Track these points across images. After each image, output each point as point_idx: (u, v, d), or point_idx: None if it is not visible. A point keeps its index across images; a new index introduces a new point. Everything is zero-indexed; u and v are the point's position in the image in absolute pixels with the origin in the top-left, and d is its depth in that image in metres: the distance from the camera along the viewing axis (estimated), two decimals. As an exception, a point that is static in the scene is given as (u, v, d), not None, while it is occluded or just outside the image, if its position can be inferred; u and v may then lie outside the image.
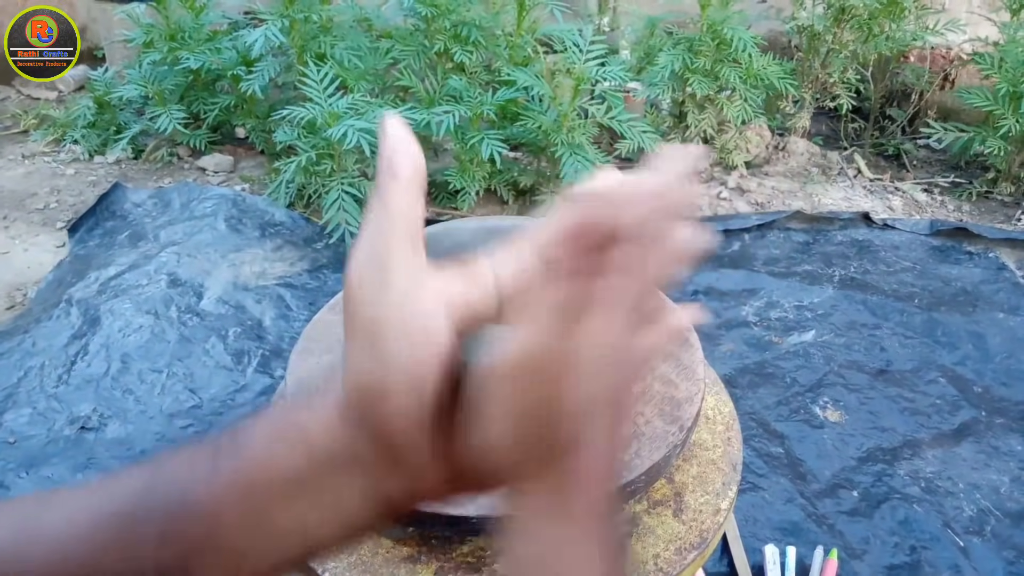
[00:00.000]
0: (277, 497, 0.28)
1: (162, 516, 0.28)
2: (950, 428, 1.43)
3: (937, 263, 1.97)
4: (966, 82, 2.56)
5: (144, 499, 0.29)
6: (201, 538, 0.28)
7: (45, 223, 2.14)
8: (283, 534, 0.29)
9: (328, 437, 0.28)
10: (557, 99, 1.97)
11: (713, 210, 2.24)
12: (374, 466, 0.28)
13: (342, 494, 0.28)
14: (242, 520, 0.28)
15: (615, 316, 0.26)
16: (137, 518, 0.28)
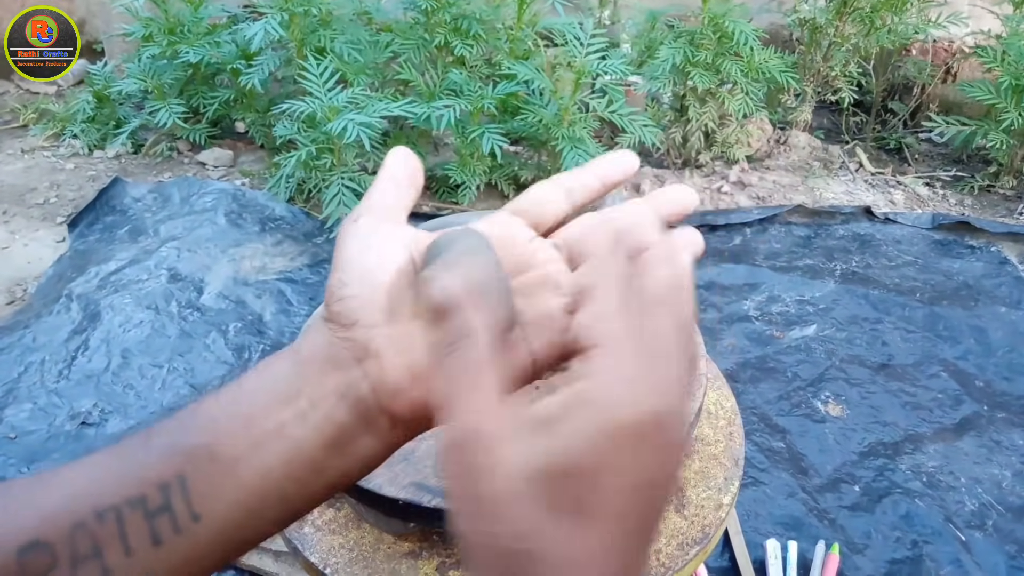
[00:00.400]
0: (261, 403, 0.32)
1: (168, 435, 0.32)
2: (952, 422, 1.43)
3: (939, 257, 1.96)
4: (968, 75, 2.54)
5: (158, 426, 0.32)
6: (196, 445, 0.31)
7: (45, 218, 2.14)
8: (267, 439, 0.31)
9: (309, 343, 0.33)
10: (558, 93, 1.97)
11: (714, 204, 2.24)
12: (345, 362, 0.32)
13: (319, 398, 0.32)
14: (230, 425, 0.32)
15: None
16: (149, 440, 0.32)
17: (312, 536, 0.65)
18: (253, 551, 1.12)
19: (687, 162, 2.44)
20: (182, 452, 0.31)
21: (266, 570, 1.10)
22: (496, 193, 2.23)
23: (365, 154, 2.04)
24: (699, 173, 2.40)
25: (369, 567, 0.62)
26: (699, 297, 1.78)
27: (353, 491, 0.59)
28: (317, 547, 0.64)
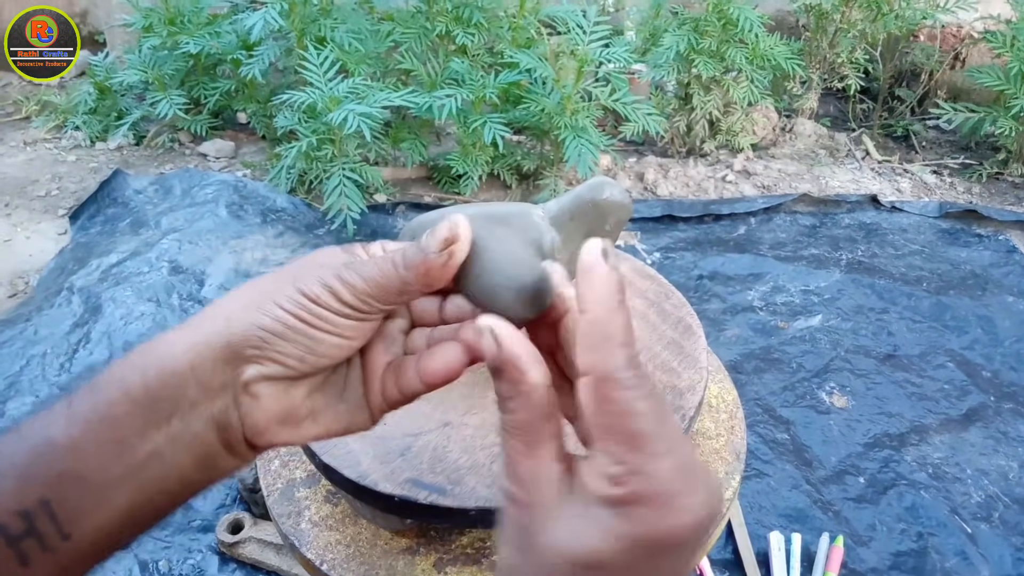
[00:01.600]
0: (133, 424, 0.32)
1: (23, 458, 0.31)
2: (958, 413, 1.41)
3: (946, 246, 1.94)
4: (977, 61, 2.51)
5: (3, 448, 0.31)
6: (61, 471, 0.31)
7: (47, 210, 2.14)
8: (142, 464, 0.32)
9: (183, 354, 0.33)
10: (560, 81, 1.95)
11: (719, 193, 2.22)
12: (224, 386, 0.34)
13: (192, 419, 0.33)
14: (99, 449, 0.32)
15: None
16: (2, 466, 0.31)
17: (309, 532, 0.65)
18: (254, 544, 1.12)
19: (691, 151, 2.42)
20: (43, 480, 0.31)
21: (268, 564, 1.10)
22: (498, 183, 2.22)
23: (366, 144, 2.02)
24: (703, 162, 2.38)
25: (366, 563, 0.62)
26: (703, 287, 1.77)
27: (349, 487, 0.58)
28: (314, 543, 0.64)
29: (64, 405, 0.33)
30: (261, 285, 0.36)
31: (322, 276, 0.35)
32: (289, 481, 0.69)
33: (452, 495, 0.55)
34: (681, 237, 1.98)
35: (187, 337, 0.34)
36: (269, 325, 0.34)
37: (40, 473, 0.31)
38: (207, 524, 1.19)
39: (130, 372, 0.33)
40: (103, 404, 0.32)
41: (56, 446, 0.31)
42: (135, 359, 0.34)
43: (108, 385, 0.33)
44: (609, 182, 0.58)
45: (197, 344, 0.33)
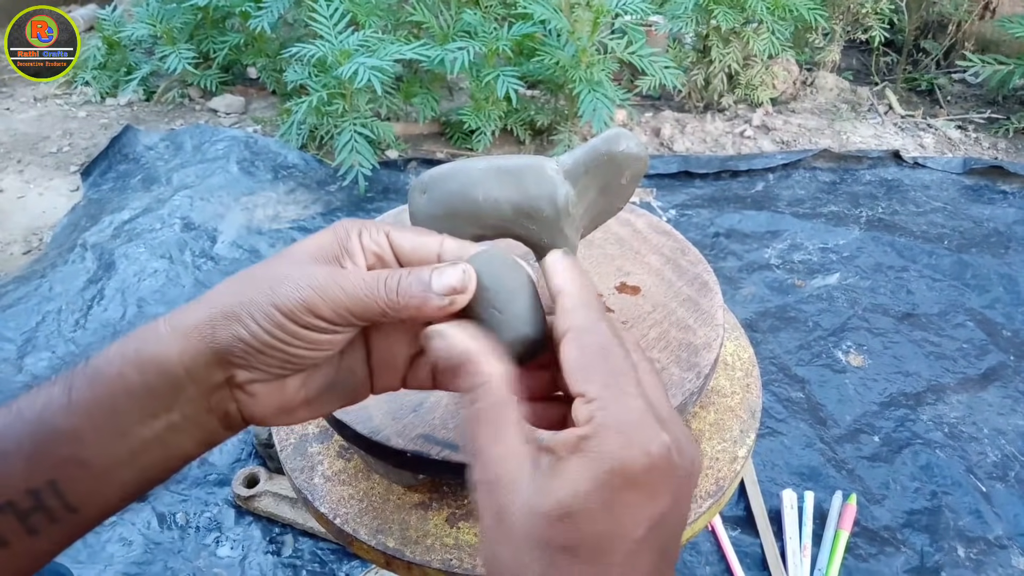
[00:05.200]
0: (134, 415, 0.34)
1: (28, 442, 0.33)
2: (976, 373, 1.40)
3: (969, 203, 1.90)
4: (1008, 10, 2.42)
5: (7, 431, 0.33)
6: (66, 456, 0.33)
7: (58, 167, 2.13)
8: (143, 449, 0.34)
9: (192, 352, 0.34)
10: (575, 33, 1.90)
11: (736, 149, 2.17)
12: (219, 383, 0.35)
13: (191, 412, 0.35)
14: (101, 438, 0.33)
15: None
16: (5, 449, 0.33)
17: (322, 487, 0.65)
18: (270, 498, 1.13)
19: (709, 105, 2.36)
20: (49, 463, 0.33)
21: (283, 517, 1.12)
22: (512, 139, 2.19)
23: (377, 99, 1.99)
24: (721, 117, 2.33)
25: (379, 517, 0.62)
26: (719, 245, 1.75)
27: (362, 443, 0.58)
28: (327, 498, 0.64)
29: (63, 391, 0.33)
30: (246, 288, 0.35)
31: (300, 290, 0.34)
32: (302, 436, 0.69)
33: (464, 450, 0.54)
34: (698, 194, 1.95)
35: (180, 340, 0.34)
36: (247, 339, 0.34)
37: (46, 457, 0.33)
38: (223, 478, 1.20)
39: (130, 369, 0.34)
40: (104, 397, 0.33)
41: (59, 433, 0.33)
42: (132, 352, 0.34)
43: (108, 378, 0.34)
44: (625, 134, 0.56)
45: (188, 350, 0.34)
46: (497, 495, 0.31)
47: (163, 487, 1.19)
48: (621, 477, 0.29)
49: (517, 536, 0.30)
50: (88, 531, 0.35)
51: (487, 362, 0.33)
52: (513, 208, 0.54)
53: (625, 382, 0.31)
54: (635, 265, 0.72)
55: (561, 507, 0.29)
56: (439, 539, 0.59)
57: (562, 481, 0.29)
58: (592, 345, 0.32)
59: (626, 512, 0.29)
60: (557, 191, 0.54)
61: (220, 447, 1.26)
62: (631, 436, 0.30)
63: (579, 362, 0.32)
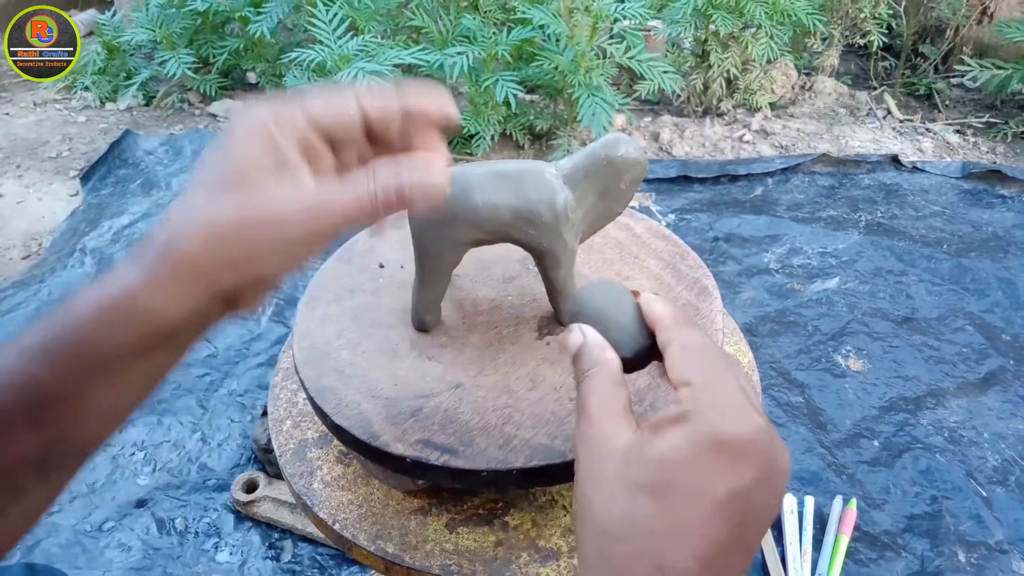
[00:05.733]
0: (130, 364, 0.36)
1: (26, 412, 0.35)
2: (976, 377, 1.40)
3: (968, 207, 1.90)
4: (1006, 15, 2.43)
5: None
6: (71, 413, 0.36)
7: (58, 171, 2.13)
8: (144, 377, 0.37)
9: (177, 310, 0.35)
10: (574, 38, 1.90)
11: (735, 153, 2.18)
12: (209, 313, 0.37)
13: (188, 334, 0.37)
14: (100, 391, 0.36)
15: None
16: (10, 420, 0.34)
17: (321, 492, 0.65)
18: (269, 503, 1.13)
19: (708, 110, 2.37)
20: (55, 423, 0.35)
21: (282, 522, 1.12)
22: (511, 143, 2.19)
23: (377, 104, 1.99)
24: (720, 121, 2.33)
25: (378, 523, 0.62)
26: (718, 249, 1.75)
27: (361, 448, 0.58)
28: (326, 503, 0.64)
29: (47, 358, 0.35)
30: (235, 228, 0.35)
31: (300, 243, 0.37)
32: (301, 442, 0.69)
33: (464, 456, 0.54)
34: (696, 198, 1.95)
35: (179, 296, 0.35)
36: (258, 275, 0.37)
37: (50, 420, 0.35)
38: (222, 483, 1.20)
39: (122, 331, 0.35)
40: (99, 358, 0.35)
41: (56, 397, 0.35)
42: (120, 314, 0.35)
43: (98, 343, 0.35)
44: (624, 139, 0.56)
45: (190, 301, 0.36)
46: (599, 445, 0.36)
47: (163, 493, 1.19)
48: (714, 440, 0.33)
49: (611, 478, 0.35)
50: (91, 458, 0.39)
51: (607, 350, 0.40)
52: (512, 213, 0.54)
53: (724, 374, 0.36)
54: (634, 270, 0.72)
55: (659, 454, 0.34)
56: (438, 544, 0.59)
57: (662, 439, 0.34)
58: (693, 345, 0.38)
59: (713, 473, 0.33)
60: (556, 196, 0.54)
61: (219, 452, 1.26)
62: (728, 412, 0.34)
63: (683, 358, 0.37)
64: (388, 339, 0.64)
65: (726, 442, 0.33)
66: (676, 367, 0.37)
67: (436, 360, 0.62)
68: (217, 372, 1.42)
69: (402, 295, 0.68)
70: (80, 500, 1.18)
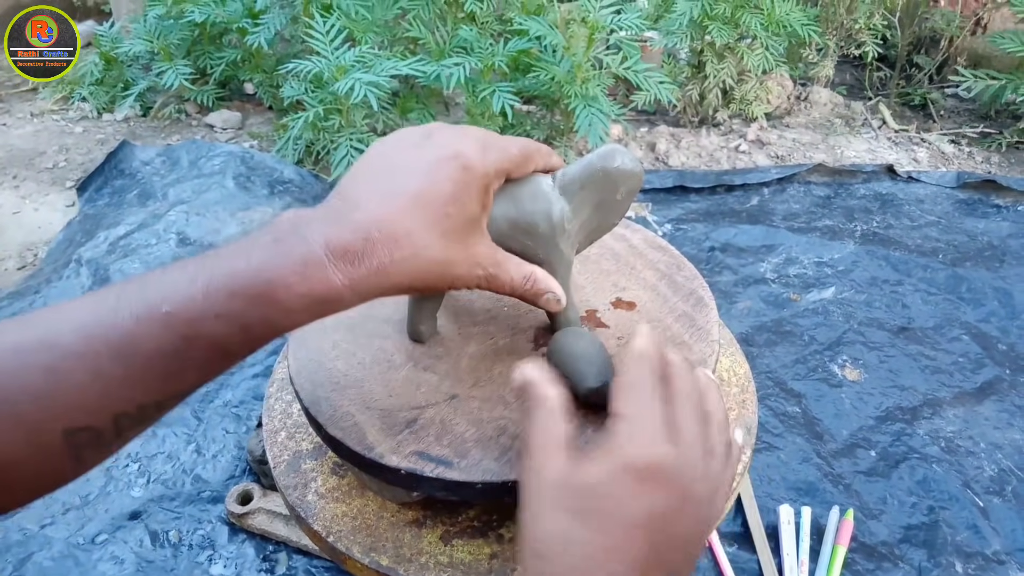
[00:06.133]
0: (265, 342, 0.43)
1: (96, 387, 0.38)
2: (972, 387, 1.40)
3: (963, 217, 1.91)
4: (1000, 26, 2.45)
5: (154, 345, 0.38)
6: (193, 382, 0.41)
7: (54, 182, 2.13)
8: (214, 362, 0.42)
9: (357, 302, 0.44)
10: (571, 49, 1.91)
11: (731, 163, 2.18)
12: None
13: None
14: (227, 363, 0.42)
15: None
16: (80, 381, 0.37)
17: (315, 504, 0.64)
18: (264, 515, 1.12)
19: (704, 120, 2.38)
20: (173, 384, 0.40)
21: (277, 534, 1.11)
22: (508, 154, 2.19)
23: (373, 114, 2.00)
24: (716, 131, 2.34)
25: (372, 535, 0.61)
26: (714, 259, 1.75)
27: (356, 460, 0.57)
28: (320, 515, 0.63)
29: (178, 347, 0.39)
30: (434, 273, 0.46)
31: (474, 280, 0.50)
32: (296, 453, 0.68)
33: (459, 468, 0.54)
34: (693, 208, 1.95)
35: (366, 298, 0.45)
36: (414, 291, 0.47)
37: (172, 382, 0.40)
38: (217, 495, 1.20)
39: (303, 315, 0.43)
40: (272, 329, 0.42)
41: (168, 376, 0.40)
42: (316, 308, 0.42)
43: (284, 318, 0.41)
44: (620, 150, 0.56)
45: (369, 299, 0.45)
46: (535, 475, 0.41)
47: (156, 505, 1.19)
48: (630, 470, 0.38)
49: (544, 504, 0.39)
50: None
51: (547, 387, 0.43)
52: (509, 224, 0.54)
53: (651, 407, 0.41)
54: (630, 280, 0.72)
55: (584, 482, 0.39)
56: (433, 557, 0.59)
57: (588, 466, 0.39)
58: (631, 382, 0.43)
59: (630, 498, 0.38)
60: (552, 207, 0.54)
61: (214, 463, 1.25)
62: (642, 442, 0.39)
63: (619, 392, 0.43)
64: (383, 350, 0.64)
65: (639, 469, 0.38)
66: (614, 401, 0.42)
67: (432, 371, 0.62)
68: (212, 383, 1.41)
69: (398, 306, 0.68)
70: (73, 512, 1.17)
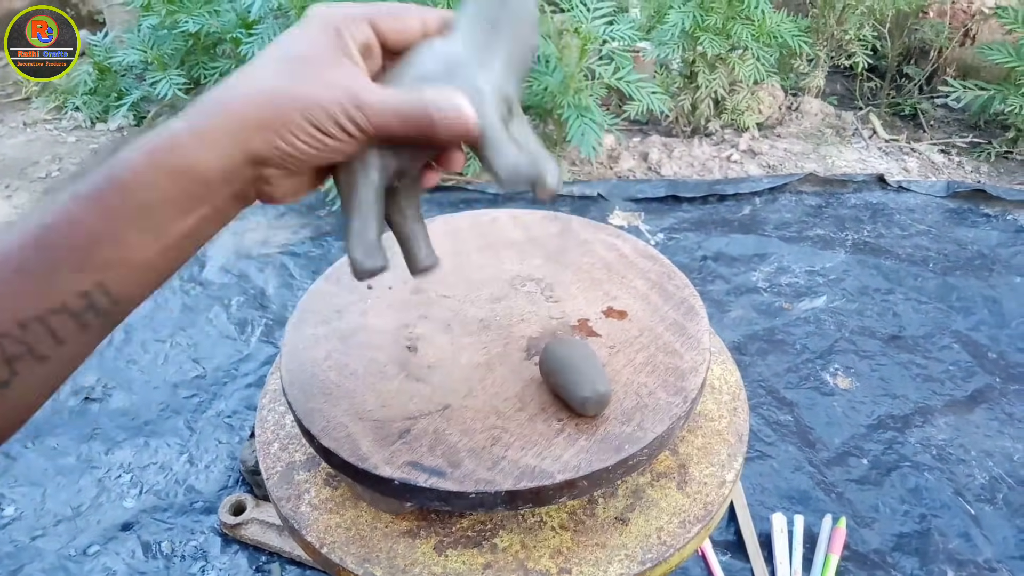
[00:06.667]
0: (169, 216, 0.38)
1: (75, 249, 0.37)
2: (963, 395, 1.40)
3: (953, 226, 1.92)
4: (988, 38, 2.47)
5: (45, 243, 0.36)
6: (109, 258, 0.37)
7: (47, 192, 2.13)
8: (177, 241, 0.39)
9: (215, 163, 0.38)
10: (564, 60, 1.92)
11: (723, 173, 2.20)
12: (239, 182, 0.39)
13: (220, 204, 0.40)
14: (140, 237, 0.38)
15: None
16: (51, 259, 0.36)
17: (309, 515, 0.64)
18: (256, 526, 1.12)
19: (696, 130, 2.39)
20: (95, 266, 0.37)
21: (270, 545, 1.11)
22: (501, 163, 2.20)
23: (368, 124, 2.00)
24: (708, 141, 2.36)
25: (366, 546, 0.61)
26: (707, 268, 1.76)
27: (349, 471, 0.58)
28: (314, 526, 0.63)
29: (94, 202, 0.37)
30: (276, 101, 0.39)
31: (334, 103, 0.39)
32: (289, 464, 0.68)
33: (451, 478, 0.54)
34: (685, 217, 1.96)
35: (214, 148, 0.38)
36: (283, 148, 0.39)
37: (92, 262, 0.37)
38: (210, 506, 1.19)
39: (163, 178, 0.38)
40: (142, 204, 0.37)
41: (101, 239, 0.37)
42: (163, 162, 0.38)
43: (140, 187, 0.37)
44: None
45: (224, 156, 0.38)
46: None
47: (149, 516, 1.18)
48: None
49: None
50: (125, 318, 0.41)
51: None
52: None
53: None
54: (622, 290, 0.73)
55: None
56: (427, 567, 0.59)
57: None
58: None
59: None
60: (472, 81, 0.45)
61: (207, 473, 1.25)
62: None
63: None
64: (376, 360, 0.65)
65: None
66: None
67: (424, 381, 0.63)
68: (205, 393, 1.41)
69: (391, 316, 0.68)
70: (64, 524, 1.17)
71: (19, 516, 1.18)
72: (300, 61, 0.40)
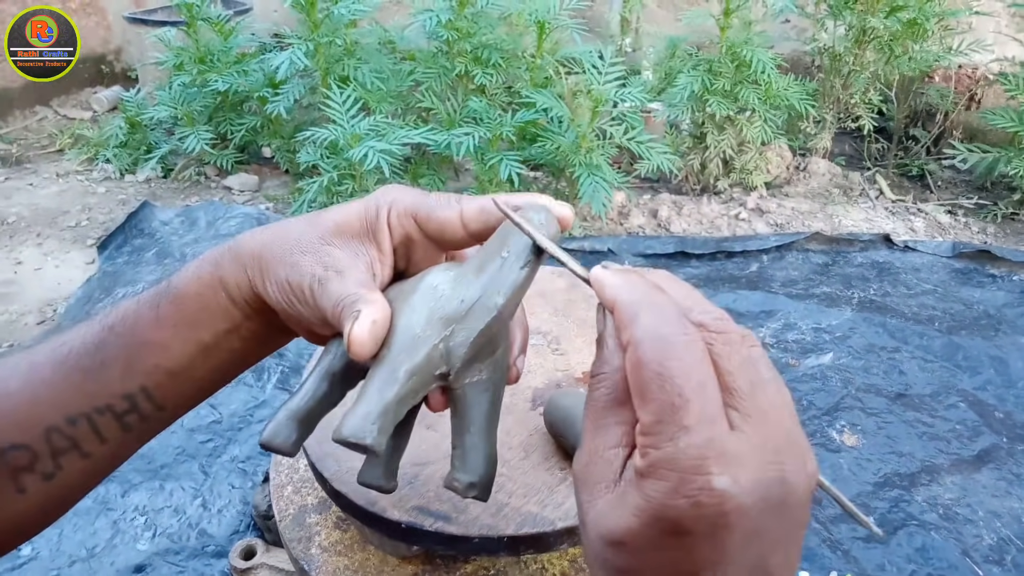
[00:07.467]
0: (209, 326, 0.42)
1: (123, 354, 0.41)
2: (970, 454, 1.41)
3: (959, 286, 1.94)
4: (992, 102, 2.53)
5: (104, 345, 0.41)
6: (155, 364, 0.41)
7: (76, 240, 2.20)
8: (216, 351, 0.43)
9: (234, 282, 0.42)
10: (576, 120, 1.99)
11: (732, 231, 2.24)
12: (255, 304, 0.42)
13: (252, 328, 0.43)
14: (183, 347, 0.42)
15: None
16: (104, 360, 0.40)
17: (318, 557, 0.67)
18: (266, 571, 1.14)
19: (705, 188, 2.45)
20: (142, 371, 0.41)
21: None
22: (514, 218, 2.25)
23: (385, 180, 2.08)
24: (717, 199, 2.41)
25: (373, 589, 0.64)
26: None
27: (358, 514, 0.60)
28: (323, 568, 0.66)
29: (151, 309, 0.42)
30: (273, 243, 0.42)
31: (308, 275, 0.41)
32: (301, 507, 0.71)
33: (457, 523, 0.57)
34: (694, 274, 2.00)
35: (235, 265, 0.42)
36: (267, 289, 0.42)
37: (139, 367, 0.41)
38: (221, 550, 1.21)
39: (207, 290, 0.42)
40: (187, 313, 0.42)
41: (150, 345, 0.41)
42: (208, 276, 0.42)
43: (190, 297, 0.42)
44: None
45: (241, 279, 0.42)
46: (582, 494, 0.31)
47: (161, 559, 1.20)
48: (667, 523, 0.27)
49: (589, 541, 0.30)
50: (169, 425, 0.44)
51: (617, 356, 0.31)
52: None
53: (684, 414, 0.27)
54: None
55: (613, 536, 0.29)
56: (431, 609, 0.61)
57: (621, 511, 0.29)
58: (648, 362, 0.28)
59: (677, 555, 0.28)
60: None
61: (219, 518, 1.27)
62: (680, 482, 0.27)
63: (634, 383, 0.29)
64: (388, 409, 0.68)
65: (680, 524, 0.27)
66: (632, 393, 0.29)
67: (433, 428, 0.66)
68: (220, 438, 1.44)
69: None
70: (79, 564, 1.19)
71: (35, 556, 1.21)
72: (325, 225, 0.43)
